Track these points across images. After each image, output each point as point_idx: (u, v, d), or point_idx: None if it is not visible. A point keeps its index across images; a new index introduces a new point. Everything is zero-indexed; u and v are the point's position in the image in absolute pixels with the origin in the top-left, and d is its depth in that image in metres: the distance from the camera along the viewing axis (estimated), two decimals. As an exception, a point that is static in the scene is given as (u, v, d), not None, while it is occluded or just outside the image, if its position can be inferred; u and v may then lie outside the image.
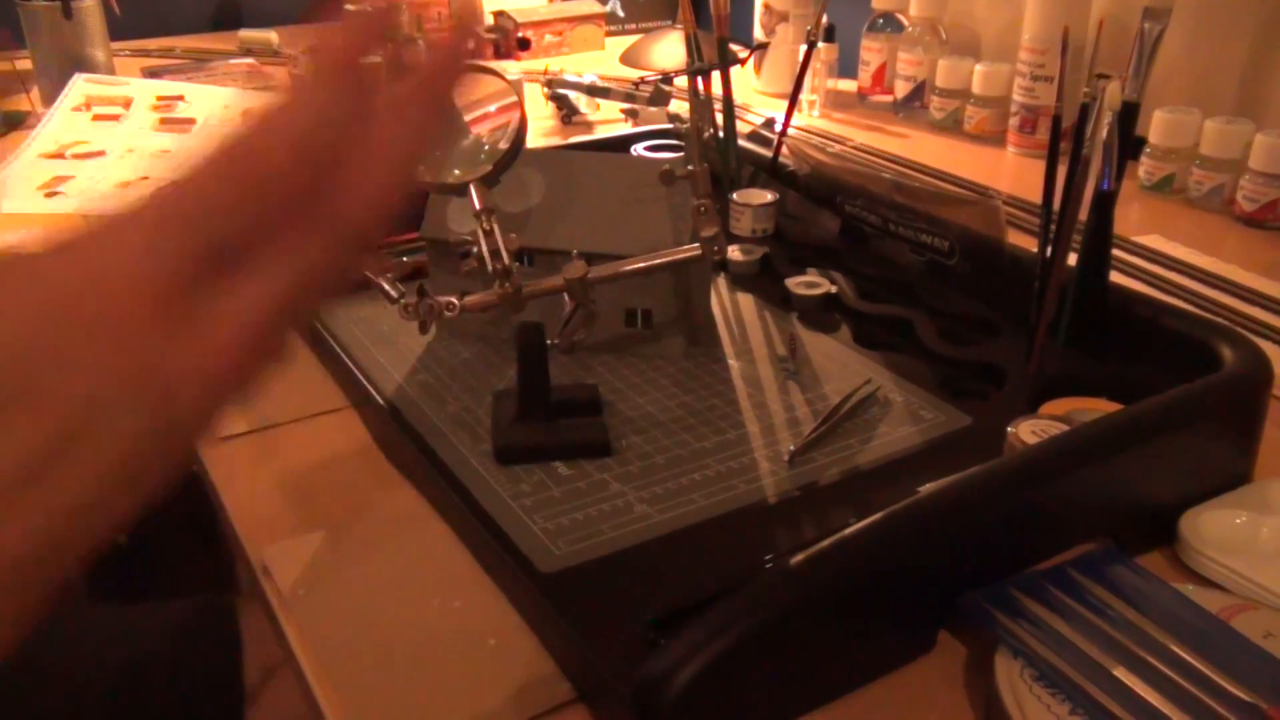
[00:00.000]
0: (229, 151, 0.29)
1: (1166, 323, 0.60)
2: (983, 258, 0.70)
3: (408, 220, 0.72)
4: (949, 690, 0.44)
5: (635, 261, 0.61)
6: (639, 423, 0.60)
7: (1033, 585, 0.46)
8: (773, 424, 0.60)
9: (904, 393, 0.63)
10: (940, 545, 0.45)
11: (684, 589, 0.46)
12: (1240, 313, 0.78)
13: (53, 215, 0.99)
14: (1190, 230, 0.93)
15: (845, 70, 1.34)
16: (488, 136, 0.65)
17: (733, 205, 0.83)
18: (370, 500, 0.57)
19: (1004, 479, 0.47)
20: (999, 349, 0.65)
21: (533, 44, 1.61)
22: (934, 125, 1.24)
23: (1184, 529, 0.51)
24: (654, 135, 0.98)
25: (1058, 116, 0.65)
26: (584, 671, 0.44)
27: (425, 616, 0.48)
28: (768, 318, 0.73)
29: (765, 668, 0.41)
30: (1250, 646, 0.43)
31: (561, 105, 1.25)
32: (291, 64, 1.37)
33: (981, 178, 1.06)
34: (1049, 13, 1.08)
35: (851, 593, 0.43)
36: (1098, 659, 0.42)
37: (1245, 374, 0.55)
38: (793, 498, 0.54)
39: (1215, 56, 1.03)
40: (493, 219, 0.60)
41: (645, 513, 0.52)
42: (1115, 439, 0.50)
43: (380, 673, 0.45)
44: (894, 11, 1.28)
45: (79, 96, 1.25)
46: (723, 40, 0.86)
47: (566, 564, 0.48)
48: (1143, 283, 0.83)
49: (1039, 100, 1.11)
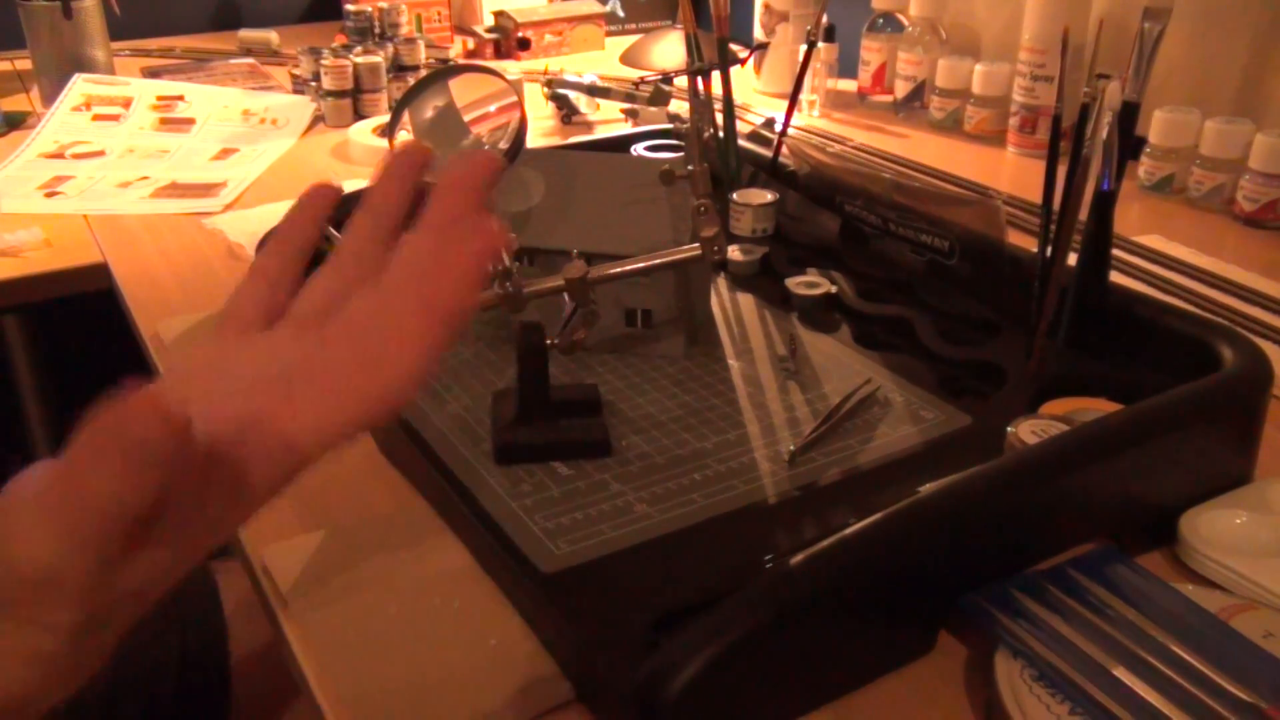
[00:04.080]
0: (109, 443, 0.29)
1: (1166, 323, 0.60)
2: (983, 258, 0.70)
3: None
4: (949, 690, 0.44)
5: (635, 261, 0.61)
6: (639, 423, 0.60)
7: (1033, 585, 0.46)
8: (773, 424, 0.60)
9: (904, 393, 0.63)
10: (940, 545, 0.45)
11: (684, 589, 0.46)
12: (1240, 313, 0.78)
13: (53, 215, 0.99)
14: (1190, 230, 0.93)
15: (845, 70, 1.34)
16: (488, 136, 0.65)
17: (733, 205, 0.83)
18: (370, 500, 0.57)
19: (1004, 479, 0.47)
20: (999, 349, 0.65)
21: (533, 44, 1.61)
22: (934, 125, 1.24)
23: (1184, 529, 0.51)
24: (654, 135, 0.98)
25: (1058, 116, 0.65)
26: (584, 671, 0.44)
27: (425, 616, 0.48)
28: (768, 318, 0.73)
29: (765, 667, 0.41)
30: (1250, 646, 0.43)
31: (561, 105, 1.25)
32: (292, 63, 1.37)
33: (981, 178, 1.06)
34: (1049, 13, 1.08)
35: (851, 593, 0.43)
36: (1098, 659, 0.42)
37: (1245, 374, 0.55)
38: (793, 498, 0.54)
39: (1215, 56, 1.03)
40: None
41: (645, 513, 0.52)
42: (1115, 439, 0.50)
43: (380, 673, 0.45)
44: (894, 11, 1.28)
45: (79, 96, 1.25)
46: (723, 40, 0.86)
47: (566, 564, 0.48)
48: (1143, 283, 0.83)
49: (1039, 100, 1.11)
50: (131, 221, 0.98)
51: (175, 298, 0.82)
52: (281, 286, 0.38)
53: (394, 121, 0.65)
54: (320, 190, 0.40)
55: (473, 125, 0.66)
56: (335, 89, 1.25)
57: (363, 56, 1.26)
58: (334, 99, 1.25)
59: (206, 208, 1.01)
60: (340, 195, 0.40)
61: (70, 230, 0.96)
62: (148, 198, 1.04)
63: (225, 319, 0.37)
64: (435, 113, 0.65)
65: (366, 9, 1.36)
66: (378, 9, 1.36)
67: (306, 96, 1.30)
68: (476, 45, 1.61)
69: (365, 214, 0.38)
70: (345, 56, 1.26)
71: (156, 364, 0.72)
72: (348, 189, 0.43)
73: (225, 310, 0.38)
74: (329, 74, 1.24)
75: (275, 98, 1.32)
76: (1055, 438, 0.51)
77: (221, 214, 0.99)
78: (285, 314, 0.37)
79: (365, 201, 0.38)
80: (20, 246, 0.92)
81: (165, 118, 1.26)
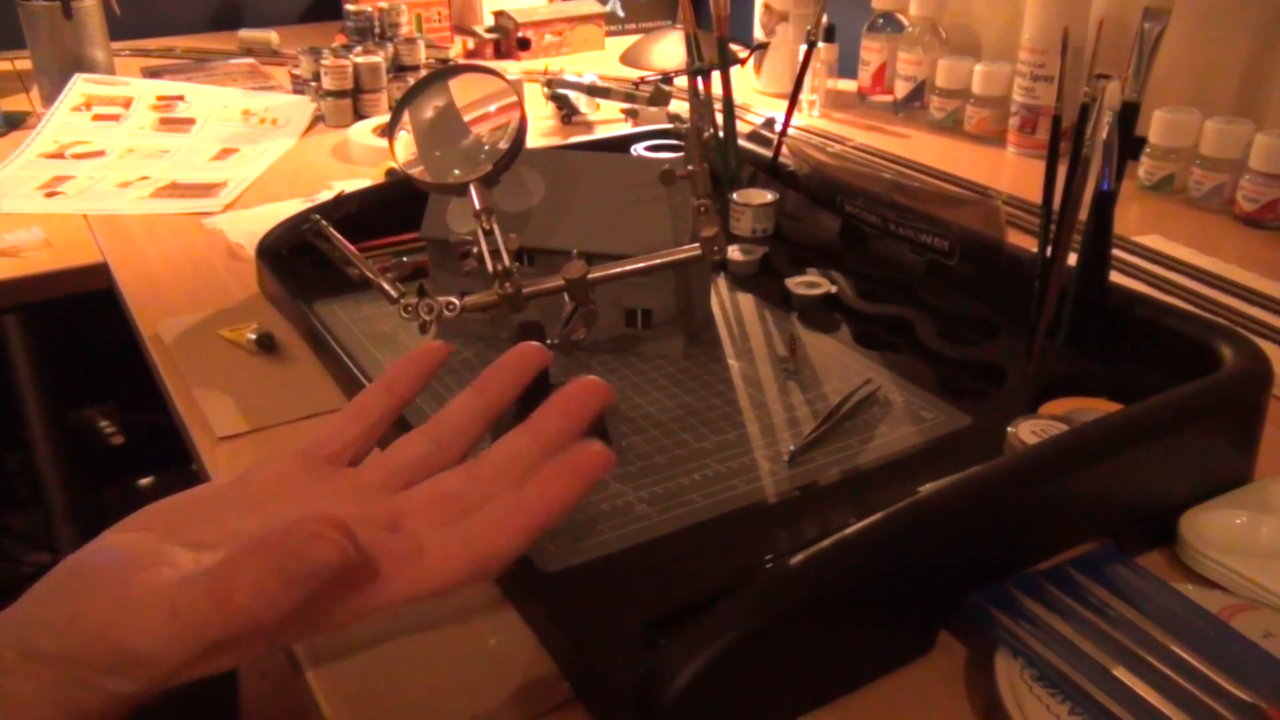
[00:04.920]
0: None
1: (1166, 323, 0.60)
2: (983, 258, 0.70)
3: (408, 220, 0.72)
4: (949, 690, 0.44)
5: (635, 261, 0.61)
6: (639, 423, 0.60)
7: (1033, 585, 0.46)
8: (773, 424, 0.60)
9: (904, 393, 0.63)
10: (940, 545, 0.45)
11: (684, 589, 0.46)
12: (1240, 313, 0.78)
13: (53, 215, 0.99)
14: (1190, 230, 0.93)
15: (845, 70, 1.34)
16: (488, 136, 0.65)
17: (733, 205, 0.83)
18: (370, 500, 0.57)
19: (1004, 479, 0.47)
20: (999, 349, 0.65)
21: (533, 44, 1.61)
22: (934, 125, 1.24)
23: (1184, 529, 0.51)
24: (654, 135, 0.98)
25: (1058, 116, 0.65)
26: (584, 672, 0.44)
27: (425, 617, 0.48)
28: (768, 318, 0.73)
29: (765, 668, 0.41)
30: (1250, 646, 0.43)
31: (561, 105, 1.25)
32: (292, 63, 1.37)
33: (981, 178, 1.06)
34: (1049, 13, 1.08)
35: (851, 593, 0.42)
36: (1098, 659, 0.42)
37: (1245, 374, 0.55)
38: (793, 498, 0.54)
39: (1215, 56, 1.03)
40: (493, 219, 0.60)
41: (645, 513, 0.52)
42: (1115, 439, 0.50)
43: (380, 673, 0.45)
44: (894, 11, 1.28)
45: (79, 96, 1.25)
46: (723, 40, 0.85)
47: (566, 564, 0.48)
48: (1143, 283, 0.83)
49: (1039, 100, 1.11)
50: (131, 221, 0.98)
51: (175, 298, 0.82)
52: (377, 430, 0.41)
53: (394, 121, 0.65)
54: (435, 351, 0.43)
55: (473, 125, 0.66)
56: (335, 89, 1.25)
57: (363, 56, 1.26)
58: (334, 99, 1.25)
59: (206, 208, 1.01)
60: (449, 353, 0.44)
61: (70, 230, 0.96)
62: (148, 198, 1.04)
63: (313, 445, 0.40)
64: (435, 113, 0.65)
65: (366, 9, 1.36)
66: (378, 9, 1.36)
67: (306, 96, 1.30)
68: (476, 45, 1.61)
69: (474, 395, 0.42)
70: (345, 56, 1.26)
71: (157, 364, 0.72)
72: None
73: (315, 438, 0.40)
74: (329, 74, 1.24)
75: (275, 98, 1.32)
76: (1055, 438, 0.51)
77: (221, 214, 0.99)
78: (372, 460, 0.40)
79: (476, 384, 0.42)
80: (20, 246, 0.92)
81: (165, 118, 1.26)
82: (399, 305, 0.60)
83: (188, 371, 0.70)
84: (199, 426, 0.64)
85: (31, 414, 1.10)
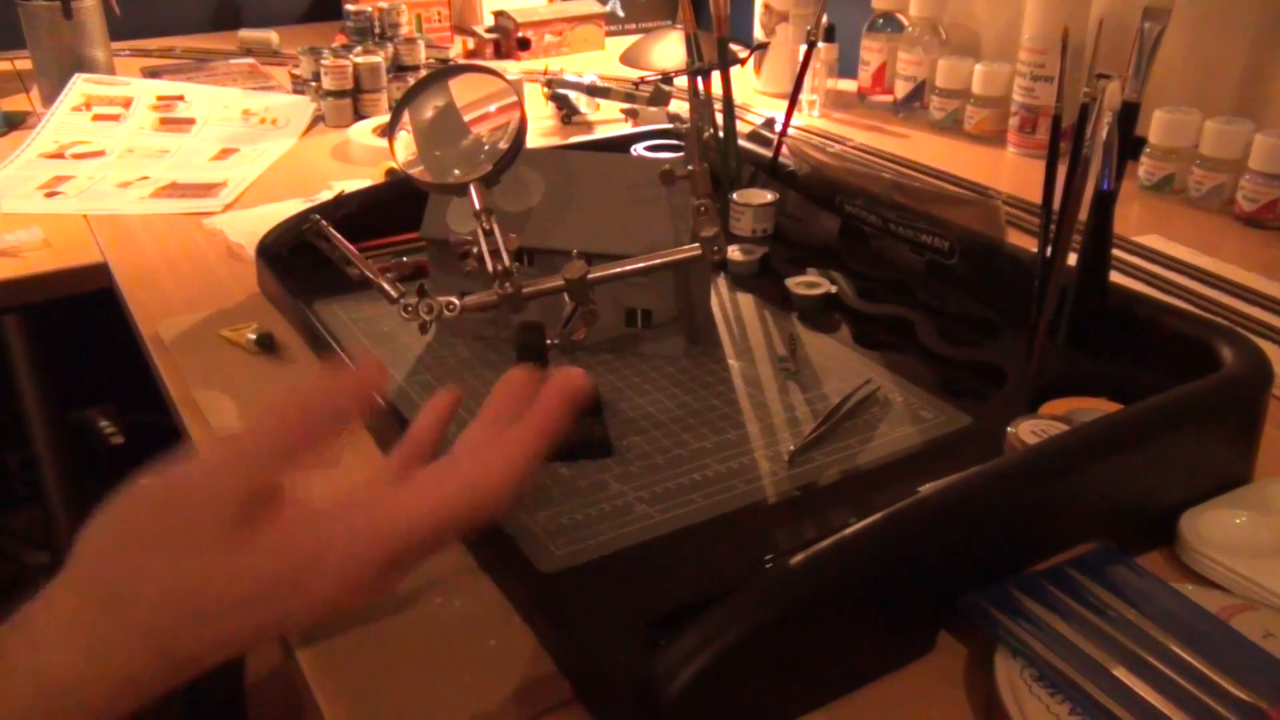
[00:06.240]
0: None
1: (1166, 323, 0.60)
2: (983, 258, 0.70)
3: (408, 220, 0.72)
4: (949, 690, 0.44)
5: (635, 261, 0.61)
6: (639, 423, 0.60)
7: (1033, 585, 0.46)
8: (773, 424, 0.60)
9: (904, 393, 0.63)
10: (940, 545, 0.45)
11: (684, 589, 0.46)
12: (1240, 313, 0.78)
13: (53, 215, 0.99)
14: (1190, 230, 0.93)
15: (845, 70, 1.34)
16: (488, 136, 0.65)
17: (733, 205, 0.83)
18: (370, 500, 0.57)
19: (1004, 479, 0.47)
20: (999, 349, 0.65)
21: (533, 44, 1.61)
22: (934, 125, 1.24)
23: (1184, 529, 0.51)
24: (654, 135, 0.98)
25: (1058, 116, 0.65)
26: (584, 672, 0.44)
27: (425, 616, 0.48)
28: (768, 318, 0.73)
29: (765, 667, 0.41)
30: (1250, 646, 0.43)
31: (561, 105, 1.25)
32: (292, 63, 1.37)
33: (981, 178, 1.06)
34: (1049, 13, 1.08)
35: (851, 593, 0.43)
36: (1098, 659, 0.42)
37: (1245, 374, 0.55)
38: (793, 498, 0.54)
39: (1215, 56, 1.03)
40: (493, 219, 0.60)
41: (645, 513, 0.52)
42: (1115, 439, 0.50)
43: (380, 673, 0.45)
44: (894, 11, 1.28)
45: (79, 96, 1.25)
46: (723, 40, 0.85)
47: (566, 564, 0.48)
48: (1143, 283, 0.83)
49: (1039, 100, 1.11)
50: (131, 221, 0.98)
51: (175, 298, 0.82)
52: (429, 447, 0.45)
53: (394, 121, 0.65)
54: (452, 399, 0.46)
55: (473, 125, 0.66)
56: (335, 89, 1.25)
57: (363, 56, 1.26)
58: (334, 99, 1.25)
59: (206, 208, 1.01)
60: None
61: (70, 230, 0.96)
62: (148, 198, 1.04)
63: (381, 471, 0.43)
64: (435, 113, 0.65)
65: (366, 9, 1.36)
66: (378, 9, 1.36)
67: (306, 96, 1.30)
68: (476, 45, 1.61)
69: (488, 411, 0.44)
70: (345, 56, 1.26)
71: (157, 364, 0.72)
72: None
73: (384, 462, 0.44)
74: (329, 74, 1.24)
75: (275, 98, 1.32)
76: (1055, 438, 0.51)
77: (221, 214, 0.99)
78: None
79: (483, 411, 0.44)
80: (20, 246, 0.92)
81: (165, 118, 1.26)
82: (399, 305, 0.60)
83: (188, 371, 0.70)
84: (199, 426, 0.64)
85: (31, 414, 1.10)
